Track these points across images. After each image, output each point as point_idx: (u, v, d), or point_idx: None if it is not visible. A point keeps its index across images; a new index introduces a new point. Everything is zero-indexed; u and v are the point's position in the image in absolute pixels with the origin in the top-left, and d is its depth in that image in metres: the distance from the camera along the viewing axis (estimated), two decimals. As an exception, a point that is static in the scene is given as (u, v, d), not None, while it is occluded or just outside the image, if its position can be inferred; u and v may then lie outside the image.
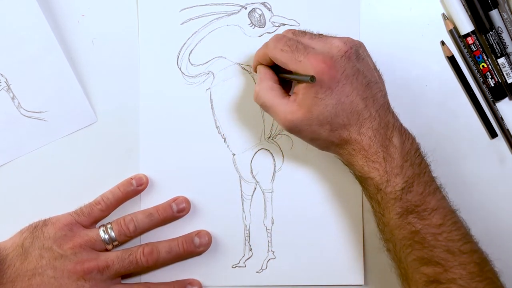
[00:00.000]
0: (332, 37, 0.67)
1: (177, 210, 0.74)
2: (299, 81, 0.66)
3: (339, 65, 0.65)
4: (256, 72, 0.71)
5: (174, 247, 0.73)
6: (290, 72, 0.67)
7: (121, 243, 0.73)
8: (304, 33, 0.68)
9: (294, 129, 0.67)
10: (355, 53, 0.66)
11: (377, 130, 0.65)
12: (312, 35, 0.68)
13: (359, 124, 0.65)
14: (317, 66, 0.64)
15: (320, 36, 0.68)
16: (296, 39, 0.67)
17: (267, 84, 0.69)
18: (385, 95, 0.68)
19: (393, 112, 0.68)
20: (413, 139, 0.67)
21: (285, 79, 0.70)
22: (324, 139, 0.67)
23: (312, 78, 0.63)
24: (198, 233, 0.74)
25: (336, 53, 0.65)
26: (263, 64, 0.70)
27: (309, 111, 0.65)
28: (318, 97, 0.65)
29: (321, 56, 0.65)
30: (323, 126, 0.66)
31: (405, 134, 0.67)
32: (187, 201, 0.74)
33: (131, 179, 0.74)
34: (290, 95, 0.68)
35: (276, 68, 0.70)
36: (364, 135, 0.65)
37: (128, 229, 0.72)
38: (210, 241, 0.74)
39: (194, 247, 0.73)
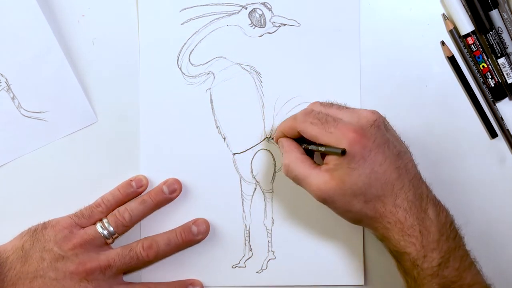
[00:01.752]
0: (359, 108, 0.68)
1: (169, 192, 0.74)
2: (331, 153, 0.65)
3: (370, 134, 0.65)
4: (277, 143, 0.71)
5: (172, 238, 0.73)
6: (318, 145, 0.66)
7: (120, 234, 0.73)
8: (331, 104, 0.69)
9: (327, 200, 0.66)
10: (383, 123, 0.67)
11: (412, 202, 0.64)
12: (339, 106, 0.69)
13: (394, 195, 0.64)
14: (349, 136, 0.64)
15: (347, 107, 0.69)
16: (325, 111, 0.67)
17: (296, 156, 0.68)
18: (415, 166, 0.67)
19: (426, 183, 0.67)
20: (447, 211, 0.66)
21: (309, 150, 0.69)
22: (357, 211, 0.65)
23: (344, 151, 0.63)
24: (195, 221, 0.74)
25: (365, 122, 0.65)
26: (286, 137, 0.70)
27: (343, 181, 0.64)
28: (351, 167, 0.64)
29: (351, 126, 0.65)
30: (356, 197, 0.65)
31: (439, 206, 0.66)
32: (177, 182, 0.74)
33: (131, 180, 0.74)
34: (320, 165, 0.67)
35: (298, 140, 0.69)
36: (400, 207, 0.64)
37: (124, 219, 0.72)
38: (208, 228, 0.74)
39: (193, 236, 0.74)
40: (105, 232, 0.72)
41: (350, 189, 0.64)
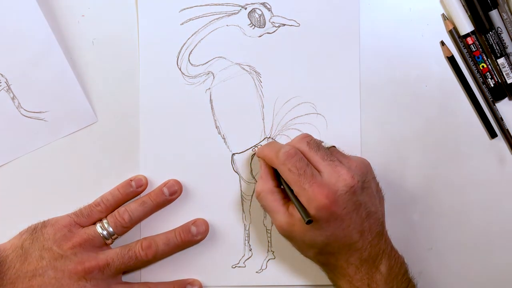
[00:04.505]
0: (342, 165, 0.66)
1: (169, 194, 0.74)
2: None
3: (341, 201, 0.65)
4: (258, 157, 0.72)
5: (171, 238, 0.73)
6: (292, 194, 0.67)
7: (120, 235, 0.73)
8: (318, 147, 0.67)
9: (287, 238, 0.69)
10: (361, 185, 0.66)
11: (365, 260, 0.66)
12: (324, 154, 0.67)
13: (348, 254, 0.66)
14: (319, 201, 0.64)
15: (332, 155, 0.67)
16: (307, 157, 0.67)
17: (268, 186, 0.69)
18: (382, 223, 0.68)
19: (386, 235, 0.69)
20: (402, 262, 0.68)
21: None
22: (310, 257, 0.70)
23: (308, 222, 0.63)
24: (195, 222, 0.74)
25: (341, 187, 0.65)
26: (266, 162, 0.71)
27: (303, 232, 0.66)
28: (314, 227, 0.65)
29: (325, 189, 0.64)
30: (312, 248, 0.67)
31: (394, 258, 0.68)
32: (178, 183, 0.74)
33: (131, 180, 0.74)
34: (288, 203, 0.68)
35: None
36: (352, 264, 0.66)
37: (124, 220, 0.72)
38: (208, 229, 0.74)
39: (192, 236, 0.74)
40: (105, 233, 0.72)
41: (308, 241, 0.67)
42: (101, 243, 0.72)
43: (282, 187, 0.69)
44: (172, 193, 0.74)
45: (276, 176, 0.70)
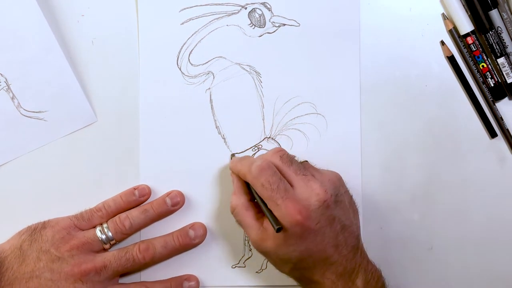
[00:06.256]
0: (315, 179, 0.66)
1: (171, 204, 0.74)
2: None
3: (314, 216, 0.64)
4: (231, 172, 0.72)
5: (169, 241, 0.73)
6: (264, 205, 0.66)
7: (118, 241, 0.73)
8: (291, 161, 0.68)
9: (261, 253, 0.68)
10: (334, 199, 0.66)
11: (341, 275, 0.66)
12: (297, 169, 0.67)
13: (324, 269, 0.66)
14: (292, 217, 0.64)
15: (305, 169, 0.67)
16: (280, 172, 0.66)
17: (242, 202, 0.69)
18: (357, 236, 0.68)
19: (362, 249, 0.68)
20: (379, 276, 0.68)
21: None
22: (286, 273, 0.69)
23: (278, 230, 0.63)
24: (193, 225, 0.74)
25: (314, 201, 0.64)
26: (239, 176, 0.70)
27: (277, 248, 0.66)
28: (288, 243, 0.65)
29: (298, 205, 0.64)
30: (286, 264, 0.67)
31: (371, 272, 0.67)
32: (181, 195, 0.74)
33: (134, 189, 0.74)
34: (262, 217, 0.68)
35: None
36: (328, 279, 0.66)
37: (124, 226, 0.72)
38: (205, 232, 0.74)
39: (190, 240, 0.74)
40: (103, 237, 0.72)
41: (282, 257, 0.66)
42: (99, 247, 0.72)
43: (255, 200, 0.69)
44: (174, 204, 0.74)
45: (249, 189, 0.69)
